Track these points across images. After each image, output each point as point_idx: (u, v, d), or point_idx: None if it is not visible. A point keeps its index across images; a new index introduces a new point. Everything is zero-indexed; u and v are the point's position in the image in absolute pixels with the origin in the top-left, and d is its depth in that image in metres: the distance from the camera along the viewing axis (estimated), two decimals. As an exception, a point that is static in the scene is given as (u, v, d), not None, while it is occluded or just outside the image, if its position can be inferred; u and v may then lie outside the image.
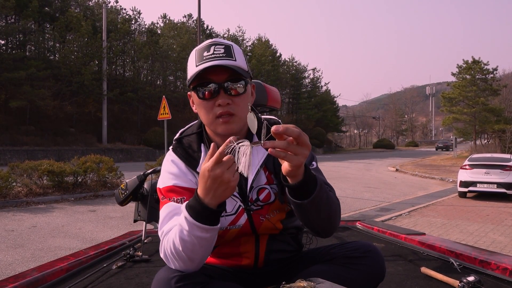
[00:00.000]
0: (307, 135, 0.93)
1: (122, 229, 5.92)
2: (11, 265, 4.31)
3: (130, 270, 1.79)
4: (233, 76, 1.09)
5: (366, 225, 2.58)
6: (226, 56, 1.09)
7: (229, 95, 1.09)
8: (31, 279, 1.51)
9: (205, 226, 0.95)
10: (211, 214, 0.95)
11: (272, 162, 1.19)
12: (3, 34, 22.55)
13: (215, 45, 1.11)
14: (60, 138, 21.99)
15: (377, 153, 40.20)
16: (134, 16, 30.66)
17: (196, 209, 0.95)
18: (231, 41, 5.55)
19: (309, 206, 0.99)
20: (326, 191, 1.04)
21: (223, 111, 1.09)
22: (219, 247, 1.20)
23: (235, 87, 1.10)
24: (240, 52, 1.14)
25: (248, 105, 1.13)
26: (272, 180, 1.19)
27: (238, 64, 1.10)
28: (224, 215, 1.14)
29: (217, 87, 1.09)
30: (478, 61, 28.74)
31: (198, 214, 0.95)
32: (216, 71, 1.08)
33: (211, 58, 1.09)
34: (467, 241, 5.53)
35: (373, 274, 1.12)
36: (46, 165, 8.91)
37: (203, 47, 1.12)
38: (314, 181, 0.99)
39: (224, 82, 1.09)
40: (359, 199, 9.70)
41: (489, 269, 1.64)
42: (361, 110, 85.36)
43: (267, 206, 1.17)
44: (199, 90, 1.10)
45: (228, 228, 1.16)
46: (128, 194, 2.20)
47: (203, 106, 1.11)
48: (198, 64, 1.09)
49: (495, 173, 9.64)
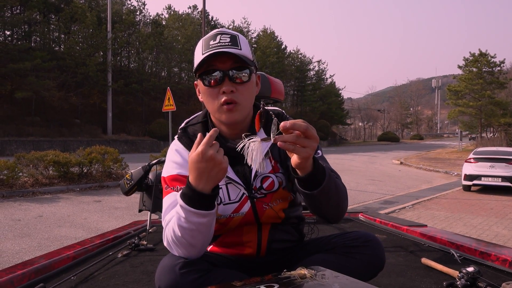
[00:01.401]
0: (315, 128, 0.95)
1: (127, 219, 5.99)
2: (18, 253, 4.39)
3: (135, 258, 1.82)
4: (238, 64, 1.11)
5: (369, 217, 2.60)
6: (231, 44, 1.12)
7: (233, 83, 1.11)
8: (39, 266, 1.54)
9: (201, 212, 0.97)
10: (206, 199, 0.97)
11: (277, 151, 1.21)
12: (9, 25, 22.59)
13: (221, 34, 1.13)
14: (65, 129, 22.12)
15: (382, 146, 40.05)
16: (139, 7, 30.55)
17: (190, 196, 0.97)
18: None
19: (318, 195, 1.02)
20: (334, 179, 1.07)
21: (227, 98, 1.11)
22: (222, 236, 1.23)
23: (239, 76, 1.12)
24: (245, 42, 1.16)
25: (252, 95, 1.15)
26: (278, 169, 1.21)
27: (243, 53, 1.12)
28: (227, 203, 1.17)
29: (222, 74, 1.11)
30: (485, 54, 28.40)
31: (192, 200, 0.97)
32: (221, 59, 1.11)
33: (217, 46, 1.11)
34: (471, 234, 5.54)
35: (373, 263, 1.13)
36: (52, 155, 8.98)
37: (209, 36, 1.14)
38: (322, 172, 1.01)
39: (229, 70, 1.11)
40: (363, 192, 9.71)
41: (489, 260, 1.66)
42: (366, 102, 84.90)
43: (271, 194, 1.19)
44: (205, 78, 1.13)
45: (232, 216, 1.18)
46: (133, 185, 2.23)
47: (208, 93, 1.14)
48: (204, 52, 1.12)
49: (500, 166, 9.60)
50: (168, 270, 1.01)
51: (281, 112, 1.26)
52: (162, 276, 1.02)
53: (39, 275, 1.51)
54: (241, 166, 1.18)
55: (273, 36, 38.67)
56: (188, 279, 1.01)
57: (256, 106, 1.24)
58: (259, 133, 1.18)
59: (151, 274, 1.59)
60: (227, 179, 1.17)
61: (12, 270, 1.48)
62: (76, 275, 1.54)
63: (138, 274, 1.61)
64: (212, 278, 1.04)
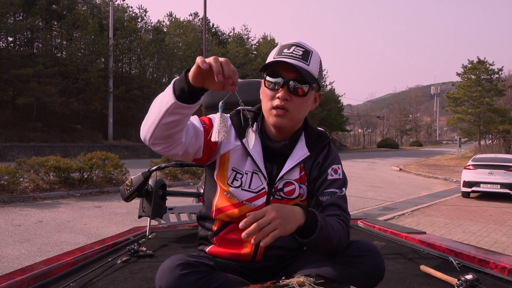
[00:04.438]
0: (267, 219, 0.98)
1: (126, 224, 5.98)
2: (18, 259, 4.38)
3: (134, 264, 1.82)
4: (300, 77, 1.17)
5: (368, 224, 2.60)
6: (301, 58, 1.18)
7: (290, 92, 1.17)
8: (38, 272, 1.54)
9: (173, 93, 1.00)
10: (186, 85, 0.99)
11: (310, 164, 1.26)
12: (11, 32, 22.69)
13: (297, 46, 1.20)
14: (66, 135, 22.13)
15: (381, 153, 40.02)
16: (140, 14, 30.74)
17: (178, 79, 1.02)
18: (236, 40, 5.60)
19: (308, 243, 1.09)
20: (328, 230, 1.09)
21: (279, 104, 1.17)
22: (224, 231, 1.25)
23: (297, 87, 1.17)
24: (316, 61, 1.21)
25: (305, 109, 1.22)
26: (304, 181, 1.26)
27: (309, 69, 1.18)
28: (246, 189, 1.22)
29: (282, 82, 1.17)
30: (484, 61, 28.51)
31: (177, 82, 1.02)
32: (287, 67, 1.16)
33: (288, 56, 1.17)
34: (470, 241, 5.52)
35: (372, 272, 1.14)
36: (53, 161, 8.99)
37: (286, 44, 1.22)
38: (313, 226, 1.06)
39: (290, 80, 1.17)
40: (362, 198, 9.70)
41: (488, 268, 1.66)
42: (365, 109, 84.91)
43: (287, 200, 1.23)
44: (268, 79, 1.20)
45: (244, 203, 1.22)
46: (133, 191, 2.24)
47: (266, 93, 1.21)
48: (275, 57, 1.19)
49: (499, 173, 9.60)
50: (169, 272, 1.03)
51: (324, 133, 1.33)
52: (162, 277, 1.04)
53: (38, 281, 1.51)
54: (271, 164, 1.25)
55: (273, 44, 38.79)
56: (188, 280, 1.02)
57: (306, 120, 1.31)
58: (300, 145, 1.26)
59: (150, 280, 1.59)
60: (256, 168, 1.23)
61: (11, 276, 1.48)
62: (75, 281, 1.54)
63: (137, 280, 1.61)
64: (212, 281, 1.06)
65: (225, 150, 1.25)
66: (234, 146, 1.25)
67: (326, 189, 1.23)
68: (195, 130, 1.17)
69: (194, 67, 0.97)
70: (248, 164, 1.24)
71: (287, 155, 1.25)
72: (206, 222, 1.31)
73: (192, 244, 2.18)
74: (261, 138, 1.26)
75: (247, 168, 1.24)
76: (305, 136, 1.29)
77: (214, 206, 1.26)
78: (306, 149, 1.26)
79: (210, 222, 1.30)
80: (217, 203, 1.26)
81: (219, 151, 1.25)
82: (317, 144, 1.29)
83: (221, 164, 1.26)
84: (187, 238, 2.34)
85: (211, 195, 1.29)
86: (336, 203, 1.21)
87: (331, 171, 1.26)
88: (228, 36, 38.94)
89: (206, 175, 1.36)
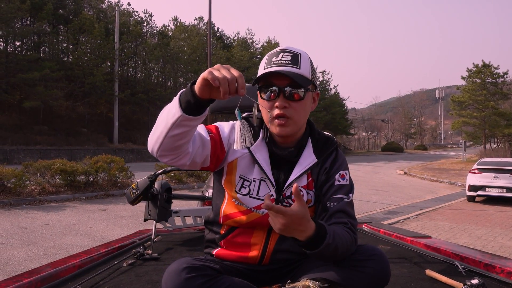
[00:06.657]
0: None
1: (132, 228, 6.00)
2: (24, 261, 4.41)
3: (140, 267, 1.83)
4: (294, 83, 1.17)
5: (373, 228, 2.59)
6: (291, 63, 1.18)
7: (287, 99, 1.18)
8: (45, 275, 1.55)
9: (179, 106, 1.01)
10: (192, 98, 1.00)
11: (317, 171, 1.27)
12: (19, 36, 22.96)
13: (284, 52, 1.20)
14: (72, 138, 22.30)
15: (386, 156, 39.84)
16: (146, 18, 30.98)
17: (184, 92, 1.03)
18: (240, 43, 5.60)
19: (314, 255, 1.09)
20: (336, 242, 1.08)
21: (279, 112, 1.18)
22: (232, 234, 1.26)
23: (293, 93, 1.18)
24: (306, 61, 1.22)
25: (306, 112, 1.23)
26: (312, 187, 1.26)
27: (301, 72, 1.18)
28: (254, 197, 1.23)
29: (277, 90, 1.17)
30: (488, 65, 28.38)
31: (183, 94, 1.02)
32: (279, 76, 1.17)
33: (277, 64, 1.18)
34: (475, 246, 5.48)
35: (378, 277, 1.14)
36: (59, 164, 9.05)
37: (274, 53, 1.22)
38: (321, 238, 1.05)
39: (285, 86, 1.17)
40: (367, 202, 9.66)
41: (494, 272, 1.65)
42: (370, 113, 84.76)
43: None
44: (263, 91, 1.21)
45: (252, 210, 1.22)
46: (139, 194, 2.25)
47: (264, 105, 1.22)
48: (266, 68, 1.20)
49: (504, 177, 9.51)
50: (175, 275, 1.04)
51: (332, 138, 1.34)
52: (168, 280, 1.04)
53: (45, 284, 1.52)
54: (278, 171, 1.25)
55: (277, 47, 38.86)
56: (194, 284, 1.03)
57: (310, 122, 1.32)
58: (307, 151, 1.26)
59: (156, 283, 1.59)
60: (264, 175, 1.24)
61: (19, 278, 1.50)
62: (82, 284, 1.55)
63: (143, 283, 1.62)
64: (218, 284, 1.06)
65: (233, 157, 1.26)
66: (241, 153, 1.26)
67: (333, 195, 1.23)
68: (202, 139, 1.17)
69: (200, 79, 0.97)
70: (255, 172, 1.25)
71: (294, 162, 1.26)
72: (214, 226, 1.32)
73: (198, 247, 2.19)
74: (268, 145, 1.27)
75: (255, 176, 1.25)
76: (312, 142, 1.30)
77: (222, 212, 1.27)
78: (314, 156, 1.27)
79: (217, 226, 1.30)
80: (225, 209, 1.27)
81: (226, 159, 1.26)
82: (325, 150, 1.30)
83: (229, 171, 1.27)
84: (193, 241, 2.34)
85: (219, 201, 1.30)
86: (343, 209, 1.22)
87: (339, 176, 1.26)
88: (233, 40, 39.09)
89: (213, 181, 1.37)
